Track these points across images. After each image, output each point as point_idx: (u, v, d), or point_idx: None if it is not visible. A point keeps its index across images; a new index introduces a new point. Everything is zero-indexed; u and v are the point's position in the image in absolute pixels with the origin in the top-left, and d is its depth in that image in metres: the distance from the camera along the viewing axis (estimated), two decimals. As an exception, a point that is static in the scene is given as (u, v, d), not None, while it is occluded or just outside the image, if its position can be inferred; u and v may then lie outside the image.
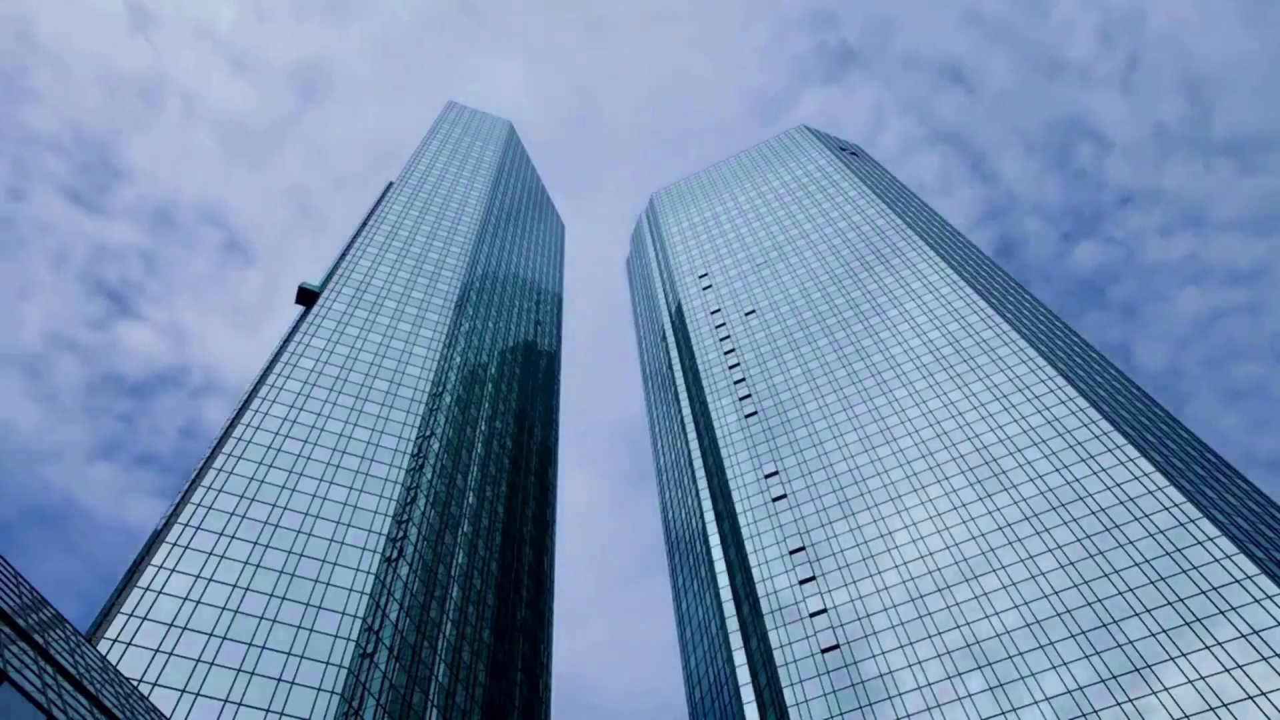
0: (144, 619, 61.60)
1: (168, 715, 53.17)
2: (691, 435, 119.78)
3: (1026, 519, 79.89)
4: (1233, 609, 64.52)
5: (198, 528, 70.78)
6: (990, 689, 67.82)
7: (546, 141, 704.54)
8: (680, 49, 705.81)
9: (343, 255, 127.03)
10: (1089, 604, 70.01)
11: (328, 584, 70.63)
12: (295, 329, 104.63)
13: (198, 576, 66.59)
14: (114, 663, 57.65)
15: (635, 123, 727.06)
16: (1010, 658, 69.29)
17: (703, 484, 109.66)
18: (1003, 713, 65.78)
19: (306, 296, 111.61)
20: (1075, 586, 71.94)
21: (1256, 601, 64.16)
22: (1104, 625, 67.92)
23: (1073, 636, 68.33)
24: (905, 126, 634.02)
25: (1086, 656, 66.45)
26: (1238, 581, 66.07)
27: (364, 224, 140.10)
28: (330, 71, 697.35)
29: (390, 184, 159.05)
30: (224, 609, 64.91)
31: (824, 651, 77.21)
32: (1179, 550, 70.47)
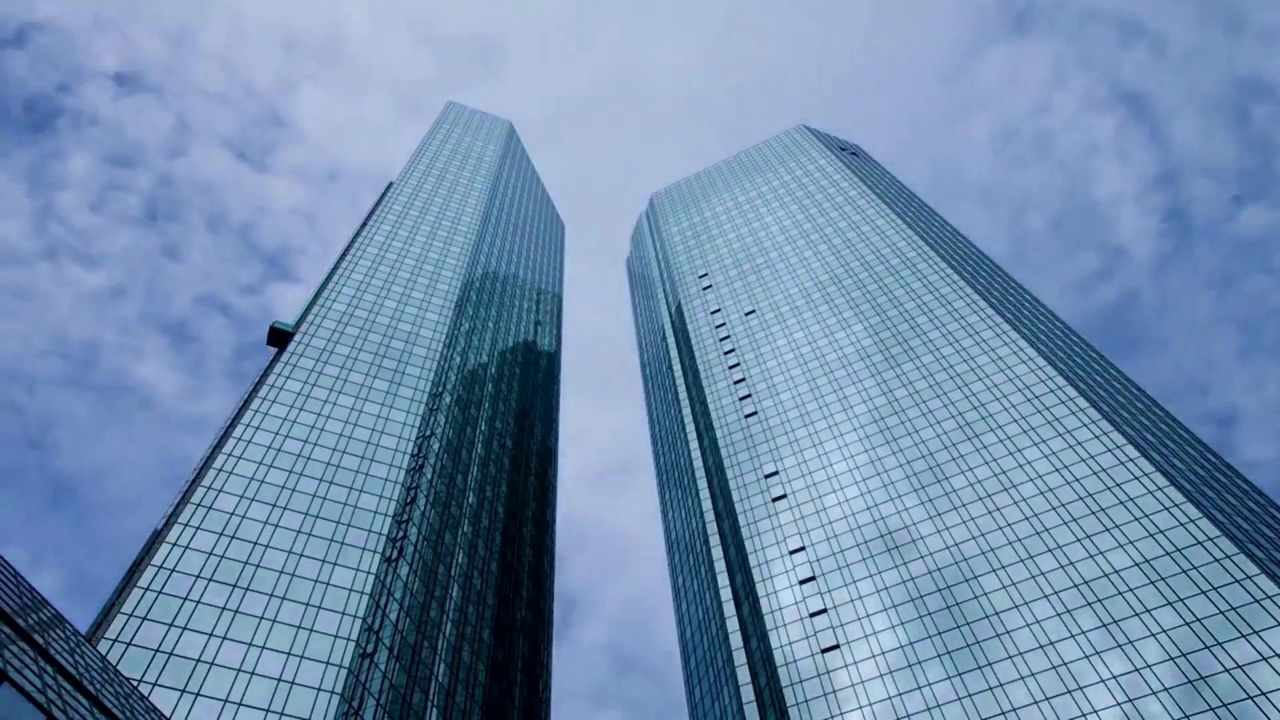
0: (144, 619, 61.60)
1: (168, 715, 53.17)
2: (691, 435, 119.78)
3: (1026, 519, 79.89)
4: (1233, 609, 64.52)
5: (198, 528, 70.78)
6: (990, 689, 67.83)
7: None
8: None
9: (343, 255, 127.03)
10: (1089, 604, 70.01)
11: (328, 584, 70.63)
12: (295, 328, 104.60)
13: (198, 576, 66.59)
14: (114, 663, 57.65)
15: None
16: (1010, 658, 69.29)
17: (703, 484, 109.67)
18: (1003, 713, 65.79)
19: (278, 337, 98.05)
20: (1075, 587, 71.94)
21: (1257, 602, 64.17)
22: (1104, 625, 67.93)
23: (1073, 636, 68.33)
24: (1087, 84, 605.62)
25: (1086, 657, 66.45)
26: (1238, 582, 66.07)
27: (364, 224, 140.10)
28: (505, 44, 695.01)
29: (390, 184, 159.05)
30: (224, 609, 64.91)
31: (824, 651, 77.21)
32: (1179, 550, 70.47)
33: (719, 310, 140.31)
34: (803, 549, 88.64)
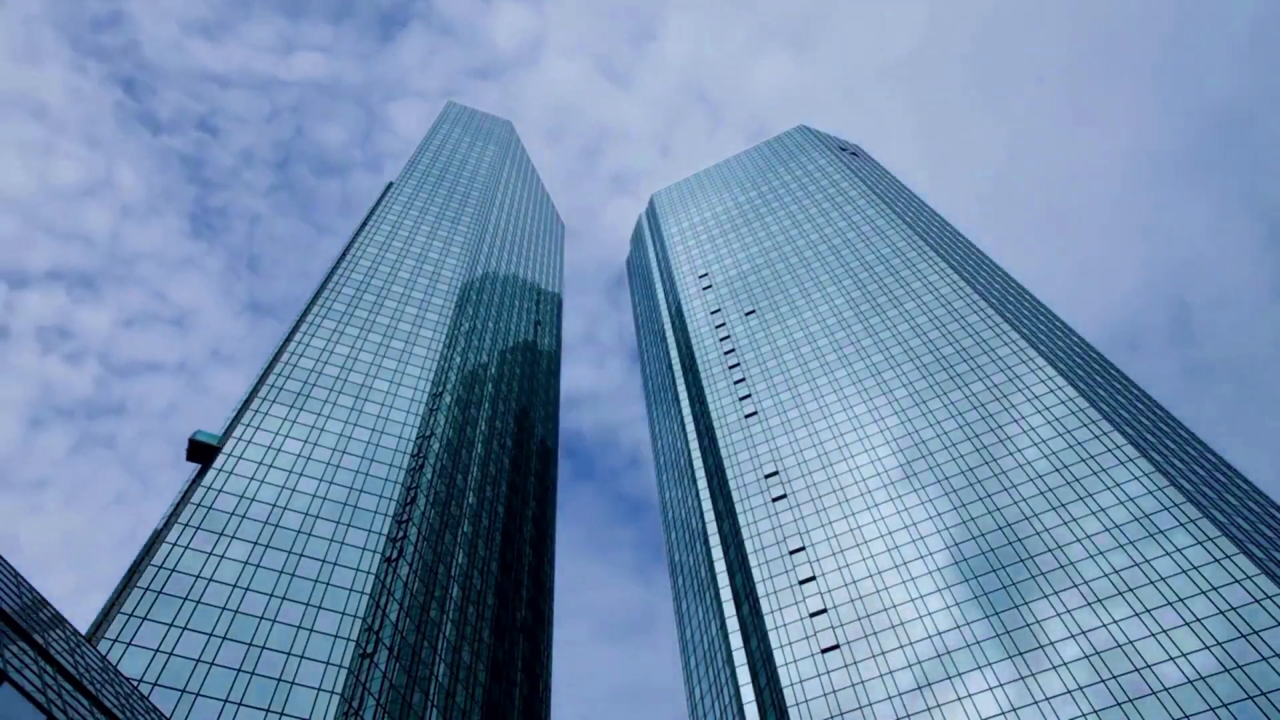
0: (144, 619, 61.61)
1: (168, 715, 53.18)
2: (691, 435, 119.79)
3: (1026, 519, 79.88)
4: (1233, 609, 64.52)
5: (198, 528, 70.79)
6: (990, 689, 67.84)
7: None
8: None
9: (343, 255, 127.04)
10: (1089, 604, 70.01)
11: (328, 584, 70.64)
12: (295, 329, 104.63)
13: (198, 576, 66.60)
14: (114, 663, 57.65)
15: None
16: (1010, 658, 69.30)
17: (703, 484, 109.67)
18: (1002, 713, 65.80)
19: (200, 452, 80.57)
20: (1075, 587, 71.94)
21: (1256, 602, 64.17)
22: (1104, 625, 67.92)
23: (1072, 636, 68.34)
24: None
25: (1086, 657, 66.46)
26: (1238, 582, 66.07)
27: (364, 224, 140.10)
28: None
29: (390, 184, 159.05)
30: (224, 609, 64.92)
31: (824, 651, 77.21)
32: (1179, 550, 70.47)
33: (719, 310, 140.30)
34: (803, 549, 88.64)
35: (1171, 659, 63.38)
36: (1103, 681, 64.38)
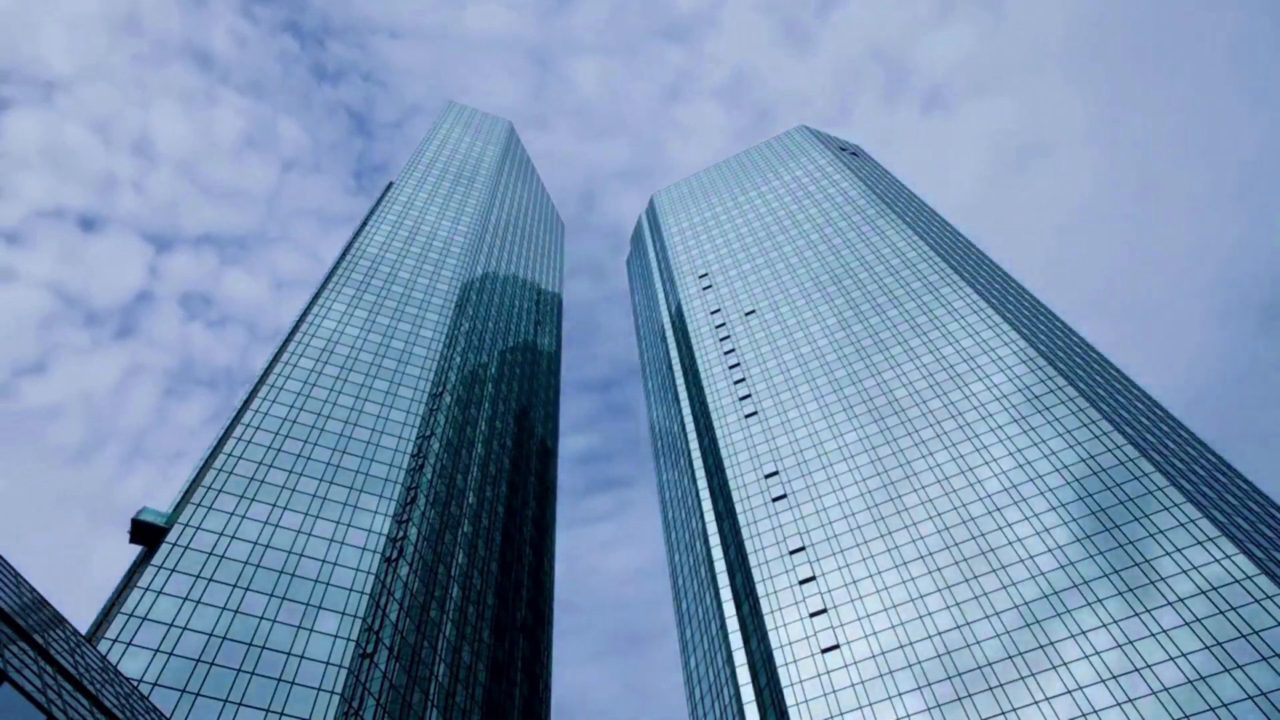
0: (144, 619, 61.61)
1: (168, 715, 53.18)
2: (691, 435, 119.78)
3: (1026, 519, 79.89)
4: (1233, 609, 64.53)
5: (198, 528, 70.78)
6: (990, 689, 67.84)
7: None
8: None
9: (343, 255, 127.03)
10: (1089, 604, 70.01)
11: (328, 584, 70.64)
12: (295, 329, 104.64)
13: (198, 576, 66.60)
14: (114, 663, 57.65)
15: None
16: (1010, 658, 69.30)
17: (703, 484, 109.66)
18: (1003, 713, 65.80)
19: (143, 534, 70.26)
20: (1075, 587, 71.94)
21: (1256, 601, 64.18)
22: (1104, 625, 67.94)
23: (1073, 636, 68.34)
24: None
25: (1086, 656, 66.46)
26: (1238, 582, 66.08)
27: (364, 224, 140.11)
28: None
29: (390, 184, 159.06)
30: (224, 609, 64.92)
31: (824, 651, 77.21)
32: (1179, 550, 70.47)
33: (719, 310, 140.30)
34: (803, 549, 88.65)
35: (1171, 659, 63.38)
36: (1102, 681, 64.40)
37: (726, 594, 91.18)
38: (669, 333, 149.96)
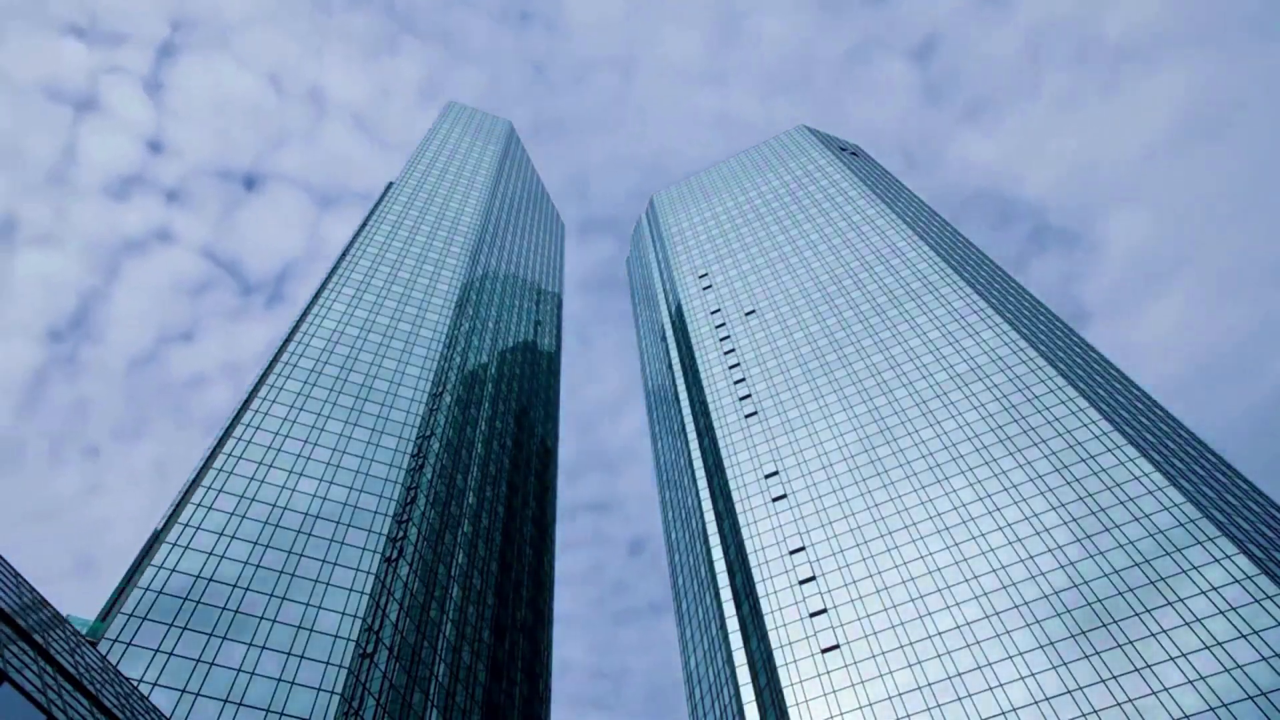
0: (144, 619, 61.62)
1: (168, 715, 53.18)
2: (691, 435, 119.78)
3: (1026, 519, 79.89)
4: (1233, 609, 64.52)
5: (198, 528, 70.80)
6: (990, 689, 67.84)
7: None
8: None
9: (343, 255, 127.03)
10: (1089, 604, 70.01)
11: (328, 584, 70.64)
12: (295, 329, 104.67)
13: (198, 576, 66.61)
14: (114, 663, 57.65)
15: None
16: (1010, 658, 69.30)
17: (703, 484, 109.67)
18: (1003, 712, 65.80)
19: None
20: (1075, 586, 71.94)
21: (1256, 601, 64.17)
22: (1104, 625, 67.93)
23: (1073, 636, 68.34)
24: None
25: (1086, 656, 66.46)
26: (1238, 581, 66.07)
27: (364, 224, 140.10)
28: None
29: (390, 184, 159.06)
30: (224, 609, 64.92)
31: (824, 651, 77.21)
32: (1179, 550, 70.47)
33: (719, 310, 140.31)
34: (803, 549, 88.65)
35: (1171, 659, 63.37)
36: (1102, 682, 64.40)
37: (726, 594, 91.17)
38: (669, 333, 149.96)
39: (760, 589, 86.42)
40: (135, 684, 55.66)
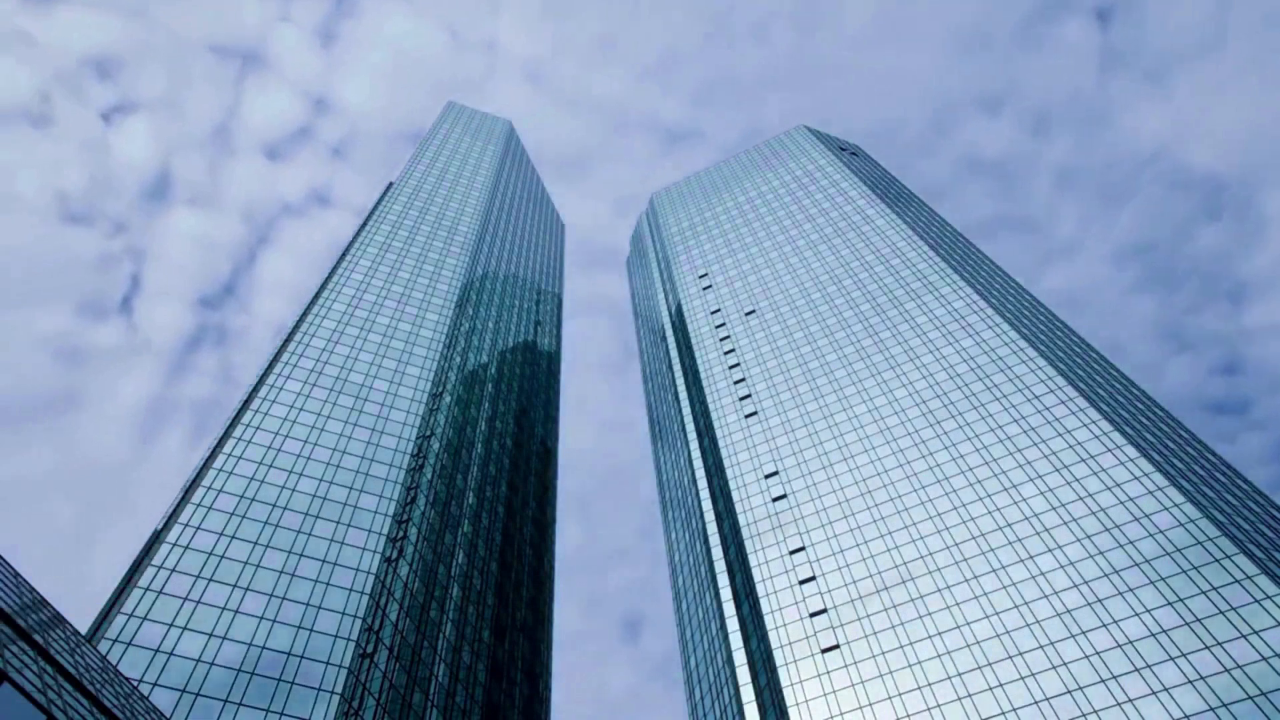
0: (144, 619, 61.61)
1: (168, 715, 53.17)
2: (691, 435, 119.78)
3: (1026, 519, 79.89)
4: (1233, 609, 64.52)
5: (198, 528, 70.79)
6: (990, 689, 67.82)
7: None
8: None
9: (343, 255, 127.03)
10: (1089, 604, 70.01)
11: (328, 584, 70.64)
12: (295, 329, 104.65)
13: (198, 576, 66.60)
14: (114, 663, 57.64)
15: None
16: (1010, 658, 69.30)
17: (703, 484, 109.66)
18: (1003, 712, 65.78)
19: None
20: (1075, 587, 71.94)
21: (1256, 602, 64.17)
22: (1104, 625, 67.93)
23: (1073, 636, 68.33)
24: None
25: (1086, 656, 66.46)
26: (1238, 582, 66.07)
27: (364, 224, 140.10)
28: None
29: (390, 184, 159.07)
30: (224, 609, 64.92)
31: (824, 651, 77.21)
32: (1179, 550, 70.47)
33: (719, 310, 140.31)
34: (803, 549, 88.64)
35: (1171, 659, 63.37)
36: (1102, 682, 64.39)
37: (726, 594, 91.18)
38: (669, 333, 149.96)
39: (760, 589, 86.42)
40: (135, 684, 55.65)
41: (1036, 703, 65.18)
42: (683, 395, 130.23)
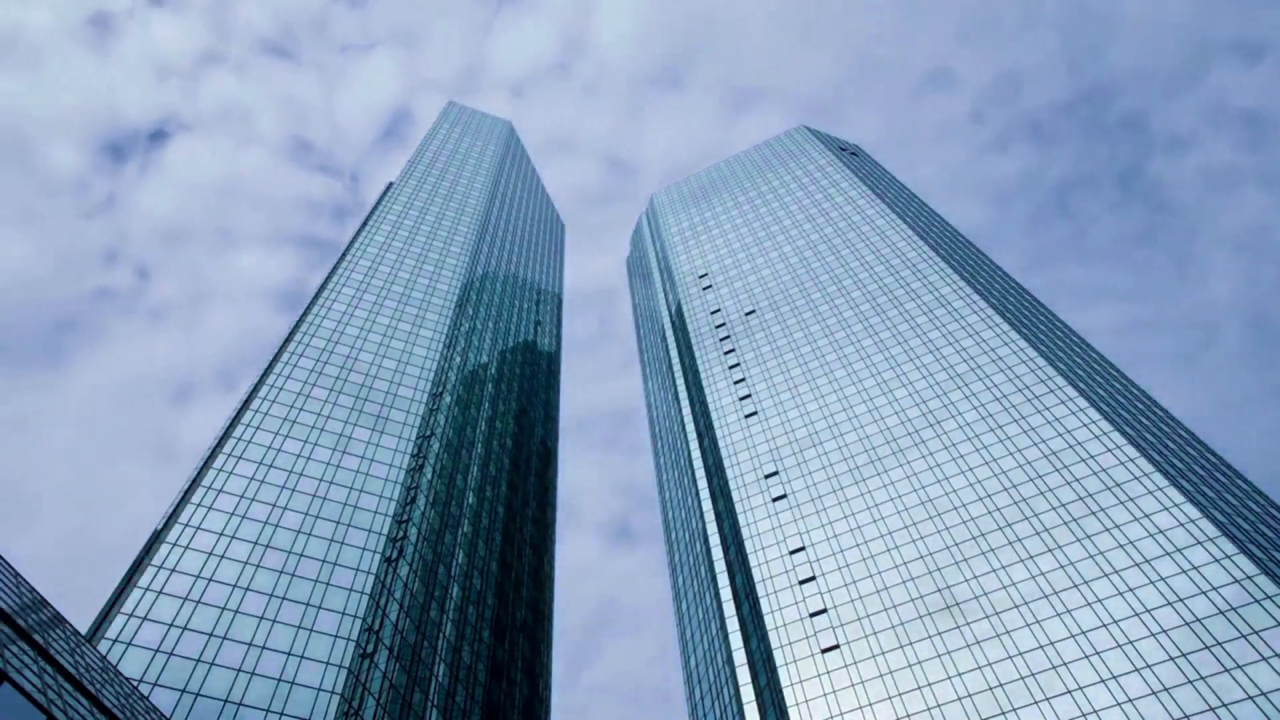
0: (144, 619, 61.60)
1: (168, 715, 53.17)
2: (691, 435, 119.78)
3: (1026, 519, 79.89)
4: (1233, 609, 64.52)
5: (198, 528, 70.78)
6: (990, 689, 67.82)
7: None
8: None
9: (343, 255, 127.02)
10: (1089, 604, 70.01)
11: (328, 584, 70.63)
12: (295, 329, 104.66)
13: (198, 576, 66.59)
14: (114, 663, 57.64)
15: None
16: (1010, 658, 69.29)
17: (703, 484, 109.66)
18: (1003, 712, 65.78)
19: None
20: (1075, 587, 71.94)
21: (1256, 602, 64.17)
22: (1104, 625, 67.93)
23: (1073, 637, 68.33)
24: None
25: (1086, 657, 66.45)
26: (1238, 582, 66.07)
27: (364, 224, 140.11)
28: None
29: (390, 184, 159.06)
30: (224, 609, 64.91)
31: (824, 652, 77.21)
32: (1179, 550, 70.47)
33: (719, 310, 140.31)
34: (803, 549, 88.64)
35: (1171, 659, 63.37)
36: (1102, 682, 64.39)
37: (726, 594, 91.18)
38: (669, 333, 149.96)
39: (760, 589, 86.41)
40: (135, 684, 55.66)
41: (1036, 703, 65.19)
42: (683, 395, 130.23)
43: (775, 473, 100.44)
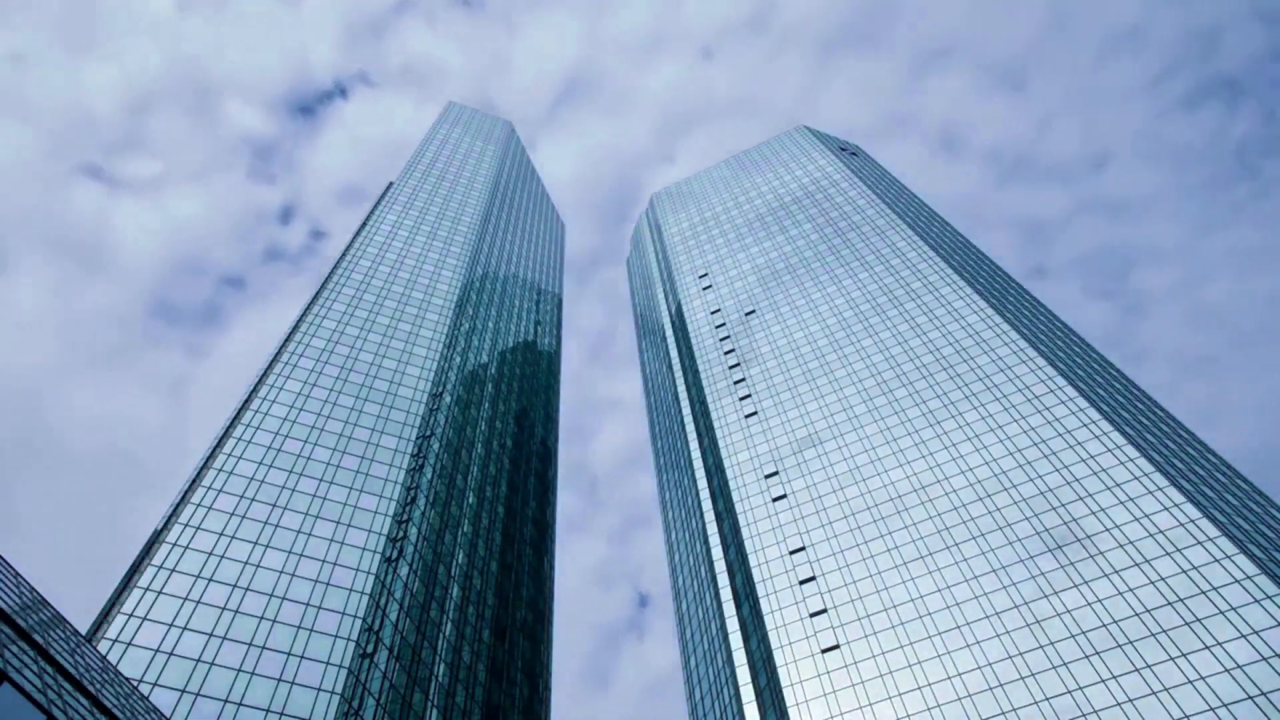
0: (144, 619, 61.61)
1: (168, 715, 53.17)
2: (691, 435, 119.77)
3: (1026, 519, 79.88)
4: (1233, 609, 64.52)
5: (198, 528, 70.78)
6: (990, 689, 67.83)
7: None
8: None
9: (343, 255, 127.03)
10: (1089, 604, 70.01)
11: (328, 584, 70.64)
12: (295, 329, 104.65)
13: (198, 576, 66.60)
14: (114, 663, 57.65)
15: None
16: (1010, 658, 69.30)
17: (703, 484, 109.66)
18: (1003, 712, 65.79)
19: None
20: (1075, 587, 71.94)
21: (1256, 601, 64.17)
22: (1104, 625, 67.93)
23: (1073, 637, 68.34)
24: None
25: (1087, 657, 66.46)
26: (1238, 582, 66.08)
27: (364, 224, 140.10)
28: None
29: (390, 184, 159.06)
30: (224, 609, 64.91)
31: (824, 651, 77.21)
32: (1179, 550, 70.47)
33: (719, 310, 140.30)
34: (803, 549, 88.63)
35: (1171, 659, 63.37)
36: (1102, 682, 64.40)
37: (726, 594, 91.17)
38: (669, 333, 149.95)
39: (760, 589, 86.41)
40: (135, 684, 55.66)
41: (1036, 703, 65.19)
42: (683, 395, 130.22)
43: (775, 473, 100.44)
